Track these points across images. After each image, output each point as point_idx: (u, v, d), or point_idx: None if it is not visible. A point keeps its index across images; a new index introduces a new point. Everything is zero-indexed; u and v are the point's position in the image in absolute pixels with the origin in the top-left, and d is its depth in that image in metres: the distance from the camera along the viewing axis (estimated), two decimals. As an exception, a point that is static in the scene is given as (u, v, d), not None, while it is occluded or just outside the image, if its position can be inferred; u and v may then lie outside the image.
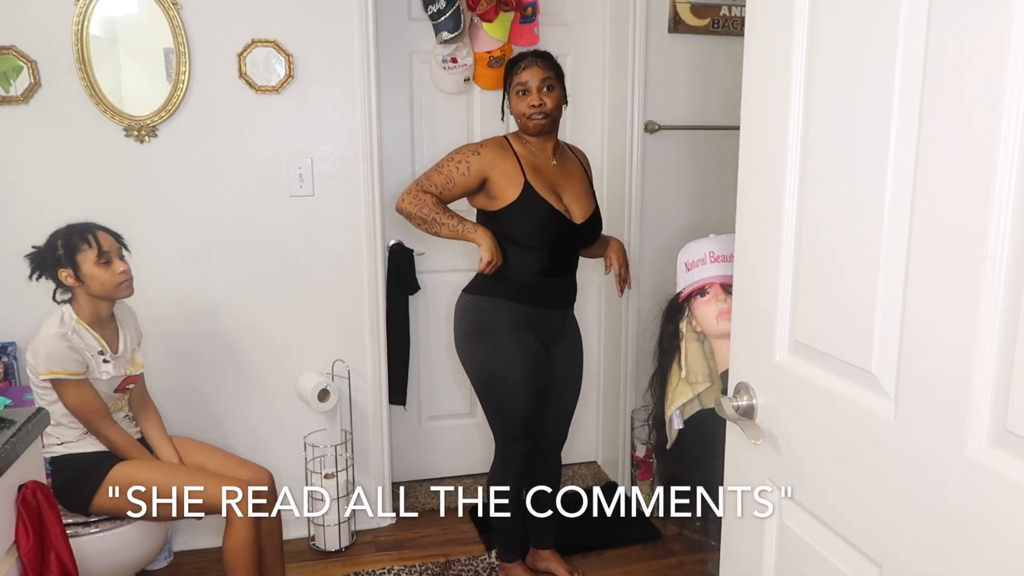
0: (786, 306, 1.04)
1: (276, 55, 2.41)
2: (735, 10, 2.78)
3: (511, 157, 2.07)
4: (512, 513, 2.24)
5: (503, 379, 2.08)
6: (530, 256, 2.07)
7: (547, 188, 2.06)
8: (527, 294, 2.09)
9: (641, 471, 2.87)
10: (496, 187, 2.04)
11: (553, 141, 2.15)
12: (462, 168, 2.04)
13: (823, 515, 1.00)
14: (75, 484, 1.94)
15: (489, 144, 2.10)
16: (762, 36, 1.06)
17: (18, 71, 2.25)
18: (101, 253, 1.90)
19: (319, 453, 2.63)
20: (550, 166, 2.11)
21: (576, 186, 2.14)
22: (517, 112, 2.08)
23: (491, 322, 2.09)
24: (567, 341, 2.23)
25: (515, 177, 2.03)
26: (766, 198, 1.06)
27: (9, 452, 1.28)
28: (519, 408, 2.09)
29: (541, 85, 2.04)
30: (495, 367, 2.09)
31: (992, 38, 0.70)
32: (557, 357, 2.21)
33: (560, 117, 2.13)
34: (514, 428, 2.13)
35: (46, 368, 1.85)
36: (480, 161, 2.04)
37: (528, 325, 2.10)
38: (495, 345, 2.08)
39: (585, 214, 2.12)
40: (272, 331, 2.57)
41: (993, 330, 0.73)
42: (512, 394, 2.09)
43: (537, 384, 2.11)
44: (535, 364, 2.10)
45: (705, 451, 1.78)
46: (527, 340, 2.09)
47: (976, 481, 0.75)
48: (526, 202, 2.02)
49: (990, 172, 0.71)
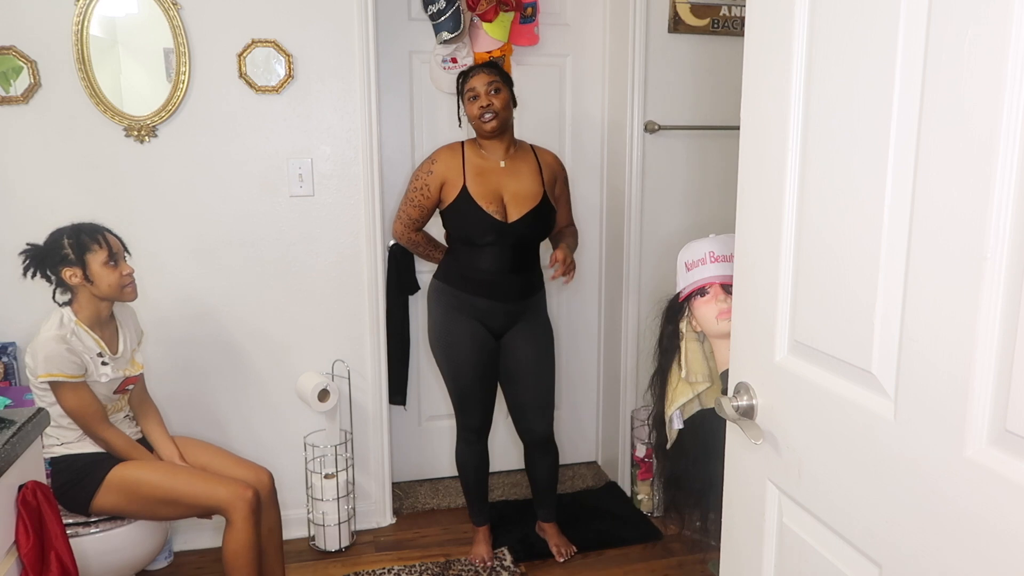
0: (786, 306, 1.04)
1: (276, 55, 2.41)
2: (735, 10, 2.78)
3: (458, 163, 2.28)
4: (474, 481, 2.51)
5: (445, 357, 2.37)
6: (474, 253, 2.28)
7: (486, 191, 2.25)
8: (474, 286, 2.30)
9: (641, 471, 2.87)
10: (445, 191, 2.29)
11: (506, 143, 2.32)
12: (424, 192, 2.30)
13: (823, 515, 1.00)
14: (74, 485, 1.94)
15: (442, 154, 2.31)
16: (762, 36, 1.06)
17: (18, 71, 2.25)
18: (111, 254, 1.91)
19: (319, 453, 2.63)
20: (498, 167, 2.29)
21: (521, 185, 2.29)
22: (471, 115, 2.28)
23: (443, 305, 2.35)
24: (521, 329, 2.37)
25: (456, 182, 2.26)
26: (766, 198, 1.06)
27: (9, 452, 1.28)
28: (459, 383, 2.37)
29: (488, 88, 2.24)
30: (441, 345, 2.37)
31: (992, 38, 0.70)
32: (511, 345, 2.38)
33: (510, 118, 2.31)
34: (459, 402, 2.41)
35: (44, 370, 1.85)
36: (434, 178, 2.28)
37: (474, 313, 2.32)
38: (443, 326, 2.35)
39: (520, 212, 2.26)
40: (272, 331, 2.57)
41: (993, 330, 0.73)
42: (452, 370, 2.36)
43: (477, 365, 2.34)
44: (475, 346, 2.32)
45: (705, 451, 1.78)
46: (470, 325, 2.32)
47: (976, 481, 0.75)
48: (460, 205, 2.25)
49: (990, 172, 0.71)
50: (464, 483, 2.54)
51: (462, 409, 2.42)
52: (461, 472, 2.52)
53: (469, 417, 2.42)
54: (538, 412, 2.43)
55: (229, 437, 2.57)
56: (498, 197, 2.25)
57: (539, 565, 2.52)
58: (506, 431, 2.97)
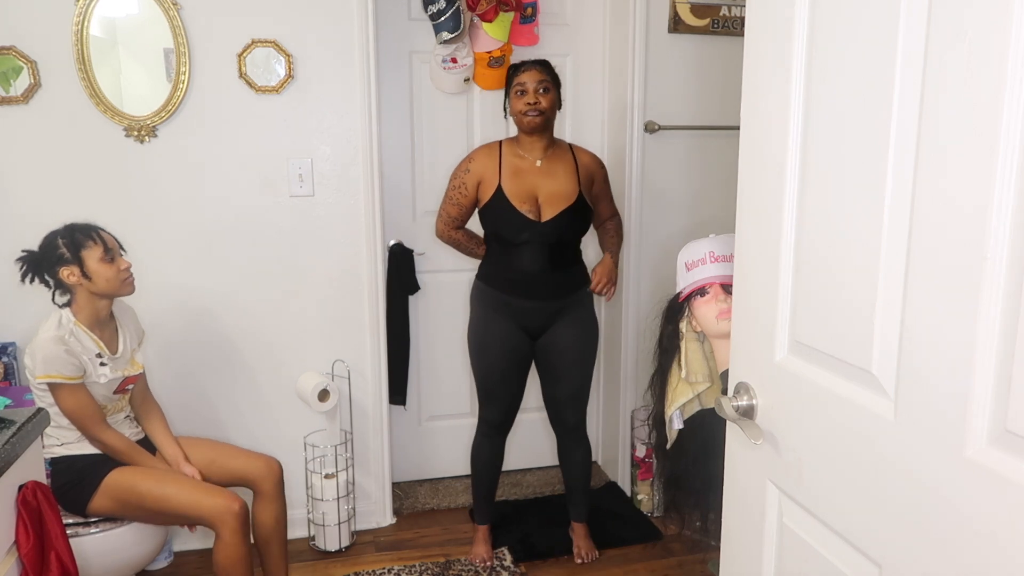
0: (786, 306, 1.04)
1: (276, 55, 2.41)
2: (735, 10, 2.78)
3: (495, 162, 2.30)
4: (485, 477, 2.51)
5: (477, 354, 2.40)
6: (511, 251, 2.30)
7: (521, 190, 2.27)
8: (511, 286, 2.32)
9: (641, 471, 2.87)
10: (481, 190, 2.31)
11: (545, 141, 2.32)
12: (462, 191, 2.32)
13: (823, 515, 1.00)
14: (73, 486, 1.94)
15: (479, 153, 2.34)
16: (762, 36, 1.06)
17: (18, 71, 2.25)
18: (107, 250, 1.92)
19: (319, 453, 2.63)
20: (534, 167, 2.30)
21: (556, 185, 2.29)
22: (515, 110, 2.28)
23: (482, 305, 2.38)
24: (562, 327, 2.36)
25: (492, 181, 2.28)
26: (766, 198, 1.06)
27: (9, 452, 1.28)
28: (486, 381, 2.40)
29: (538, 87, 2.25)
30: (475, 342, 2.40)
31: (992, 38, 0.70)
32: (550, 343, 2.37)
33: (554, 119, 2.32)
34: (482, 393, 2.44)
35: (43, 371, 1.85)
36: (471, 176, 2.31)
37: (512, 313, 2.33)
38: (479, 325, 2.38)
39: (554, 212, 2.27)
40: (272, 331, 2.57)
41: (993, 330, 0.73)
42: (482, 368, 2.39)
43: (505, 362, 2.36)
44: (507, 347, 2.35)
45: (705, 451, 1.78)
46: (506, 326, 2.34)
47: (976, 481, 0.75)
48: (495, 204, 2.27)
49: (990, 171, 0.71)
50: (475, 477, 2.52)
51: (485, 402, 2.44)
52: (474, 465, 2.51)
53: (490, 411, 2.43)
54: (571, 404, 2.44)
55: (229, 437, 2.57)
56: (532, 196, 2.27)
57: (539, 565, 2.51)
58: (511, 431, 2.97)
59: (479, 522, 2.56)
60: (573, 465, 2.51)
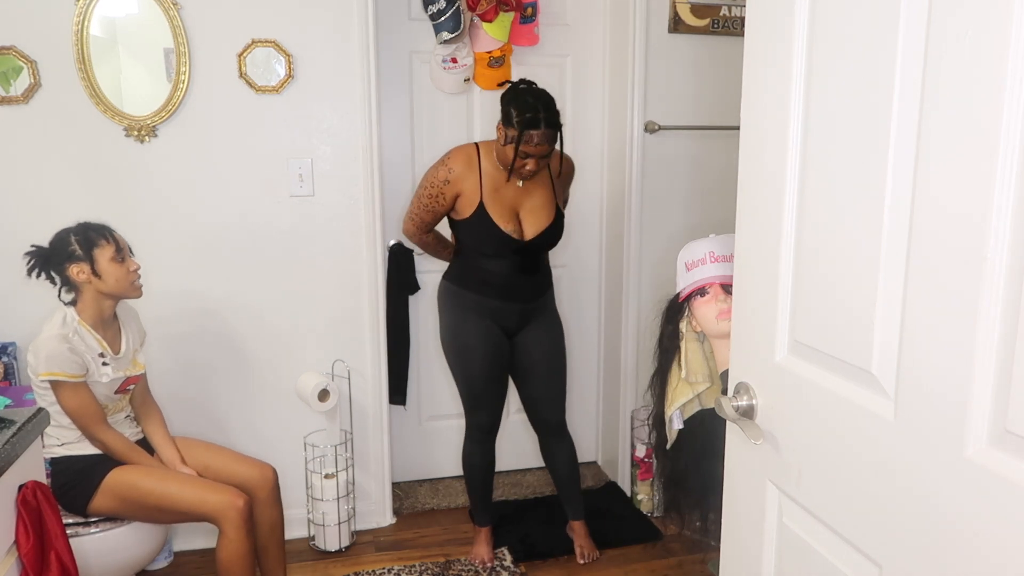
0: (786, 306, 1.04)
1: (276, 55, 2.41)
2: (735, 10, 2.78)
3: (475, 173, 2.25)
4: (480, 481, 2.50)
5: (459, 358, 2.37)
6: (488, 262, 2.29)
7: (503, 208, 2.24)
8: (487, 289, 2.31)
9: (641, 471, 2.87)
10: (459, 202, 2.27)
11: None
12: (440, 200, 2.27)
13: (823, 515, 1.00)
14: (73, 486, 1.94)
15: (458, 162, 2.25)
16: (762, 36, 1.06)
17: (18, 71, 2.25)
18: (118, 250, 1.93)
19: (319, 453, 2.63)
20: (514, 181, 2.25)
21: (537, 199, 2.29)
22: (507, 161, 2.17)
23: (456, 307, 2.36)
24: (534, 328, 2.40)
25: (473, 197, 2.24)
26: (766, 198, 1.06)
27: (9, 452, 1.28)
28: (471, 383, 2.38)
29: (543, 162, 2.19)
30: (454, 346, 2.38)
31: (993, 38, 0.70)
32: (524, 343, 2.40)
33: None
34: (469, 399, 2.42)
35: (45, 369, 1.85)
36: (450, 187, 2.25)
37: (487, 313, 2.33)
38: (456, 326, 2.36)
39: (537, 230, 2.28)
40: (272, 331, 2.57)
41: (993, 330, 0.73)
42: (466, 371, 2.37)
43: (490, 363, 2.35)
44: (489, 347, 2.34)
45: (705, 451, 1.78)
46: (484, 325, 2.33)
47: (976, 481, 0.75)
48: (478, 222, 2.24)
49: (990, 171, 0.71)
50: (470, 482, 2.53)
51: (473, 408, 2.42)
52: (467, 471, 2.51)
53: (480, 416, 2.42)
54: (550, 402, 2.45)
55: (229, 437, 2.57)
56: (514, 213, 2.27)
57: (539, 565, 2.51)
58: (508, 431, 2.97)
59: (480, 524, 2.56)
60: (561, 464, 2.51)
